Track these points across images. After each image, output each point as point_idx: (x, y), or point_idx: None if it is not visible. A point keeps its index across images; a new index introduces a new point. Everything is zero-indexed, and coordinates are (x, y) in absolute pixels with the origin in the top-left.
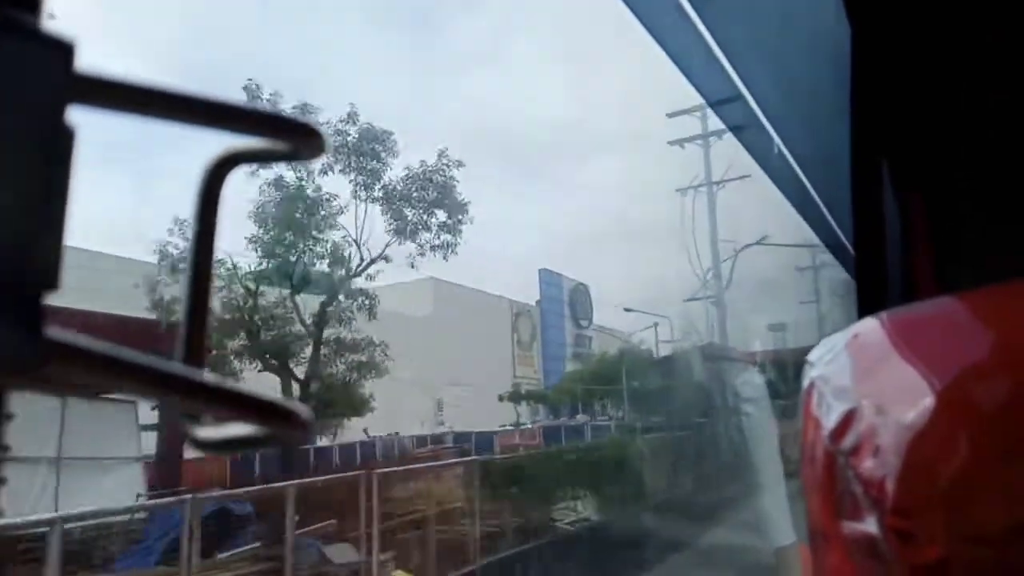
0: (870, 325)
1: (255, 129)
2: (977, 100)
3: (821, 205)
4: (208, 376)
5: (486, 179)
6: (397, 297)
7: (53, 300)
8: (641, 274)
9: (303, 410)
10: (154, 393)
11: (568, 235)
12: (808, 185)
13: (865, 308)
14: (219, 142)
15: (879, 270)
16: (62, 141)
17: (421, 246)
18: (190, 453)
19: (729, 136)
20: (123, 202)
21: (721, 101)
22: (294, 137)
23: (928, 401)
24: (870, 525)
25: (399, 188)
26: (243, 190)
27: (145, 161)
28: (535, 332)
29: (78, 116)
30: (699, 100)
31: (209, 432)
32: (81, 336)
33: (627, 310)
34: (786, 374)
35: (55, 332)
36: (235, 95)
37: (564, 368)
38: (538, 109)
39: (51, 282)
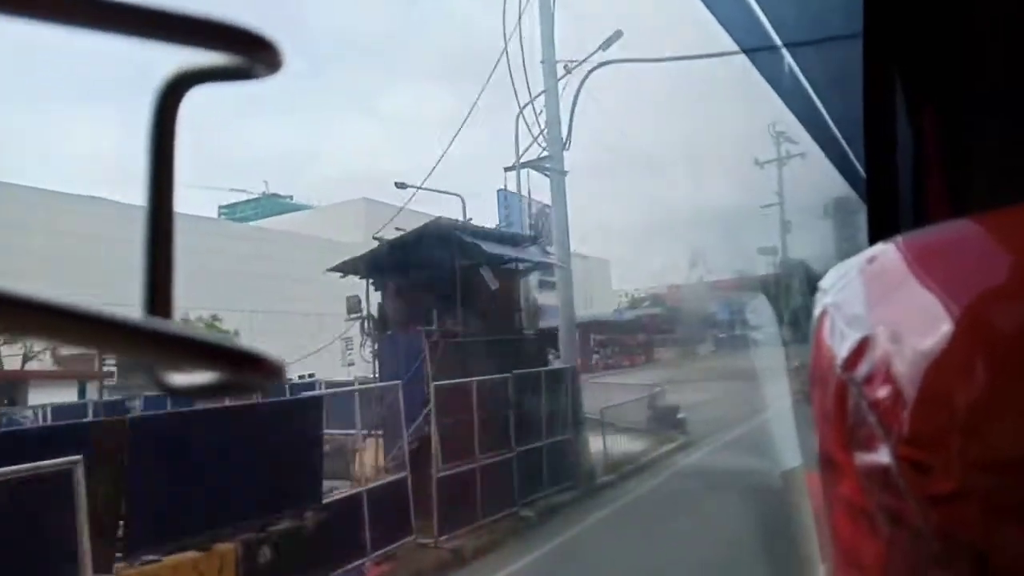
0: (884, 250)
1: (201, 40)
2: (993, 17)
3: (833, 127)
4: (174, 326)
5: None
6: (323, 221)
7: None
8: None
9: (273, 356)
10: (117, 347)
11: None
12: (820, 107)
13: (876, 232)
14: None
15: (891, 193)
16: None
17: None
18: None
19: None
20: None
21: (731, 17)
22: (247, 50)
23: (945, 327)
24: (883, 455)
25: None
26: None
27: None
28: None
29: None
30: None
31: (181, 378)
32: (24, 289)
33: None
34: None
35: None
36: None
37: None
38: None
39: None
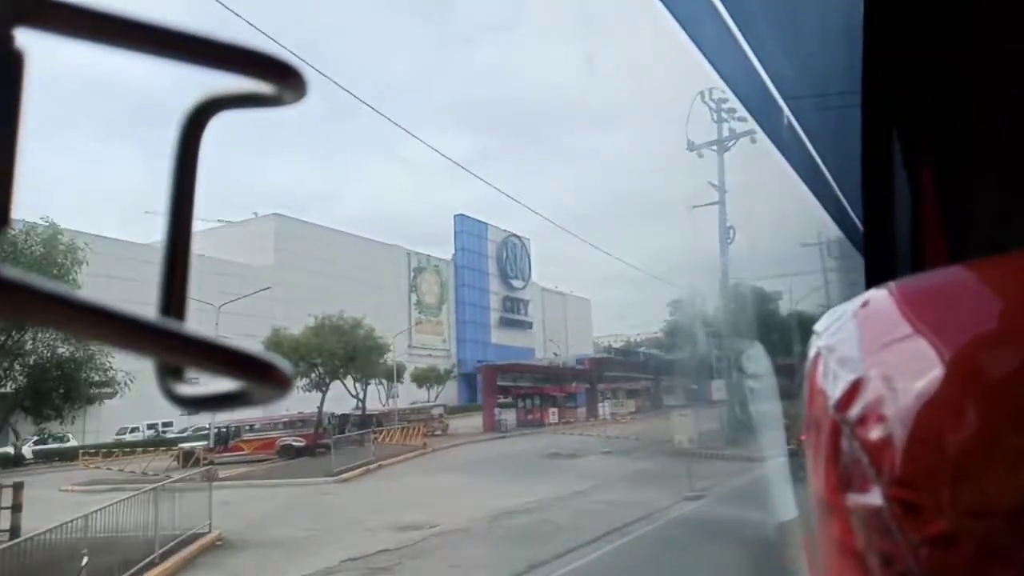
0: (878, 294)
1: (229, 65)
2: (991, 72)
3: (830, 179)
4: (186, 328)
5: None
6: (230, 239)
7: None
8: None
9: (283, 364)
10: (127, 345)
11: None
12: (819, 160)
13: (873, 282)
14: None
15: (888, 245)
16: (9, 67)
17: None
18: None
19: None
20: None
21: (733, 73)
22: (273, 77)
23: (937, 371)
24: (875, 496)
25: None
26: None
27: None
28: (444, 291)
29: (29, 40)
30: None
31: (189, 390)
32: (42, 279)
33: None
34: None
35: (13, 274)
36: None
37: (488, 337)
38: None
39: (1, 220)
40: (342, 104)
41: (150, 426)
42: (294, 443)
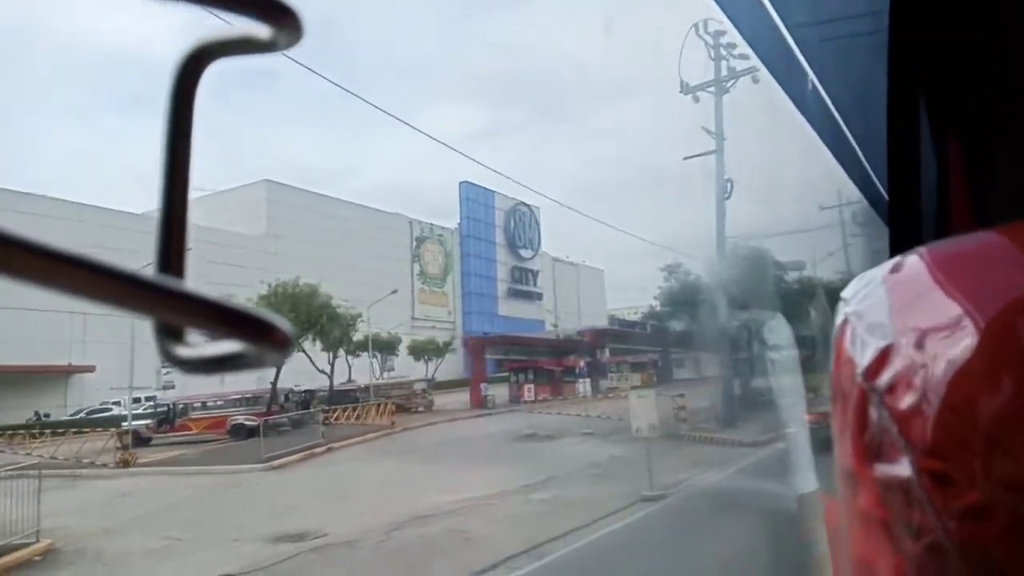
0: (908, 259)
1: (221, 3)
2: (1020, 40)
3: (855, 145)
4: (184, 286)
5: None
6: (220, 207)
7: None
8: None
9: (283, 323)
10: (123, 303)
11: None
12: (843, 124)
13: (898, 248)
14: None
15: (914, 212)
16: None
17: None
18: None
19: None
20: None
21: (758, 37)
22: (268, 18)
23: (970, 337)
24: (904, 467)
25: None
26: None
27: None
28: (448, 261)
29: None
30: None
31: (189, 351)
32: (36, 235)
33: None
34: None
35: (5, 229)
36: None
37: (495, 308)
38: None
39: None
40: (353, 78)
41: (136, 400)
42: (247, 422)
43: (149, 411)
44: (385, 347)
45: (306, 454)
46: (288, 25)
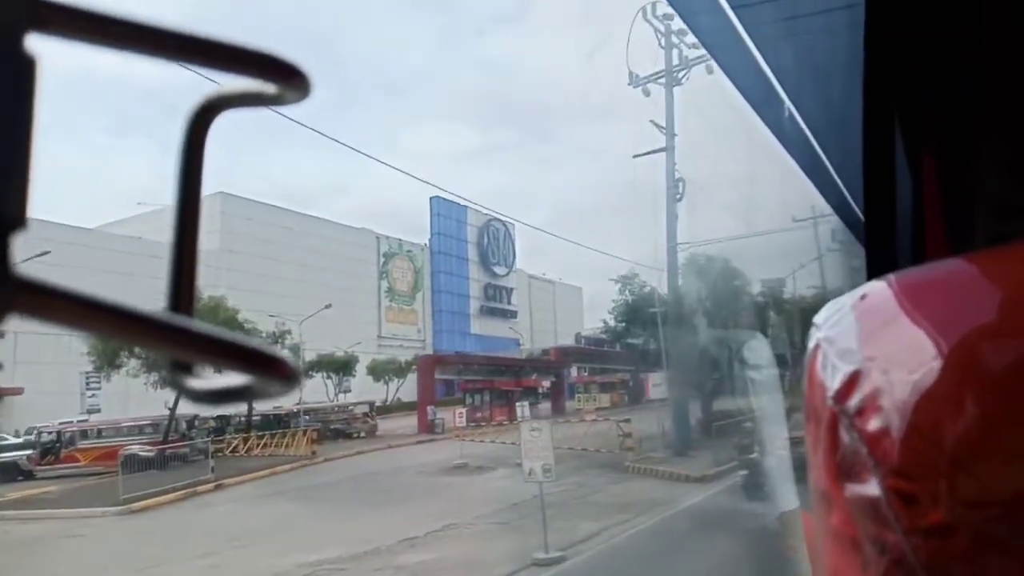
0: (878, 287)
1: (234, 66)
2: (994, 60)
3: (833, 173)
4: (194, 323)
5: None
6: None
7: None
8: None
9: (289, 358)
10: (138, 341)
11: None
12: (820, 152)
13: (874, 273)
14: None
15: (889, 235)
16: (22, 72)
17: None
18: None
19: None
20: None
21: (733, 63)
22: (277, 77)
23: (935, 363)
24: (873, 487)
25: None
26: None
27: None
28: (418, 278)
29: (41, 46)
30: None
31: (198, 383)
32: (53, 279)
33: None
34: None
35: (29, 275)
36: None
37: (467, 327)
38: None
39: (18, 222)
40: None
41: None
42: (141, 453)
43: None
44: (341, 367)
45: (185, 493)
46: (296, 84)
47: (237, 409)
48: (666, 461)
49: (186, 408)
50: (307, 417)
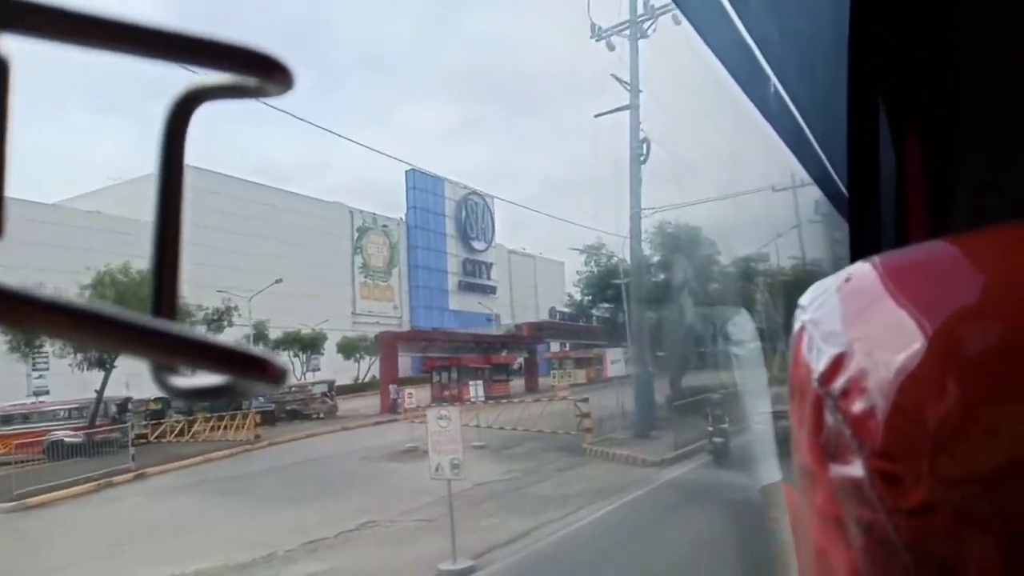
0: (862, 268)
1: (215, 62)
2: (978, 40)
3: (817, 148)
4: (178, 327)
5: None
6: (135, 196)
7: None
8: None
9: (276, 359)
10: (122, 347)
11: None
12: (805, 127)
13: (858, 252)
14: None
15: (873, 214)
16: None
17: None
18: None
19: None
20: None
21: (720, 42)
22: (260, 71)
23: (917, 344)
24: (856, 468)
25: None
26: None
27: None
28: (394, 254)
29: (11, 44)
30: None
31: (183, 381)
32: (32, 287)
33: None
34: None
35: (8, 285)
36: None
37: (446, 302)
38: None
39: None
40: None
41: None
42: (67, 439)
43: None
44: (308, 345)
45: (99, 484)
46: (278, 79)
47: None
48: (625, 443)
49: (119, 390)
50: (261, 398)
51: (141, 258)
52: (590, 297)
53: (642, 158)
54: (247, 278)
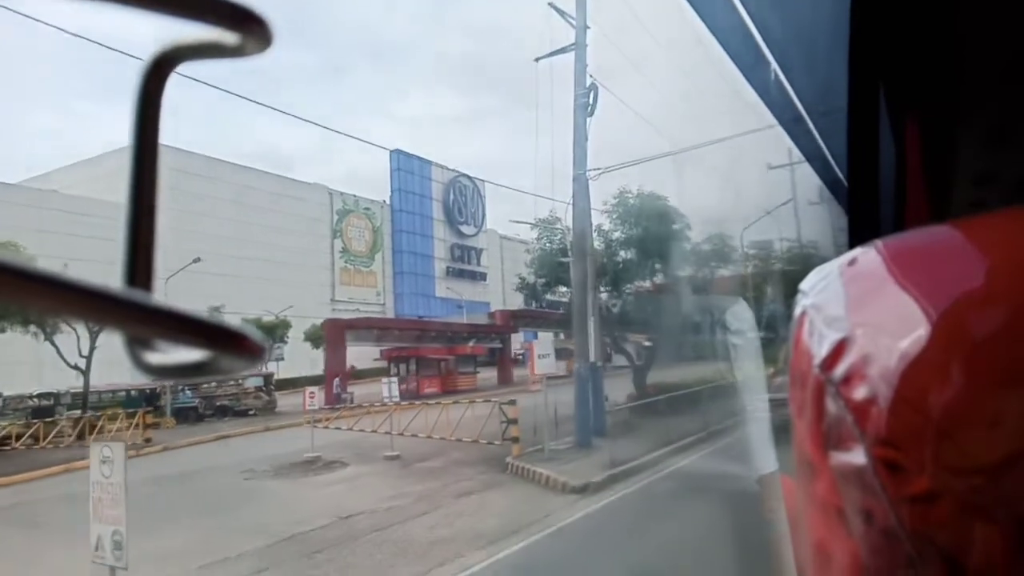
0: (864, 252)
1: (189, 13)
2: (978, 28)
3: (816, 135)
4: (154, 299)
5: None
6: (96, 175)
7: None
8: None
9: (254, 334)
10: (95, 317)
11: None
12: (804, 114)
13: (857, 238)
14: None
15: (872, 200)
16: None
17: None
18: None
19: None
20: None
21: (725, 31)
22: (236, 25)
23: (922, 330)
24: (858, 455)
25: None
26: None
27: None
28: (377, 238)
29: None
30: None
31: (159, 358)
32: (8, 256)
33: None
34: None
35: None
36: None
37: (432, 289)
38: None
39: None
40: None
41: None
42: None
43: None
44: (269, 333)
45: None
46: (257, 33)
47: (76, 383)
48: (555, 457)
49: None
50: (188, 392)
51: (100, 239)
52: (544, 280)
53: (589, 109)
54: (218, 263)
